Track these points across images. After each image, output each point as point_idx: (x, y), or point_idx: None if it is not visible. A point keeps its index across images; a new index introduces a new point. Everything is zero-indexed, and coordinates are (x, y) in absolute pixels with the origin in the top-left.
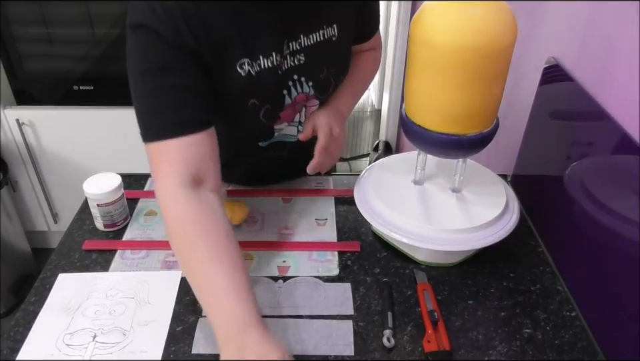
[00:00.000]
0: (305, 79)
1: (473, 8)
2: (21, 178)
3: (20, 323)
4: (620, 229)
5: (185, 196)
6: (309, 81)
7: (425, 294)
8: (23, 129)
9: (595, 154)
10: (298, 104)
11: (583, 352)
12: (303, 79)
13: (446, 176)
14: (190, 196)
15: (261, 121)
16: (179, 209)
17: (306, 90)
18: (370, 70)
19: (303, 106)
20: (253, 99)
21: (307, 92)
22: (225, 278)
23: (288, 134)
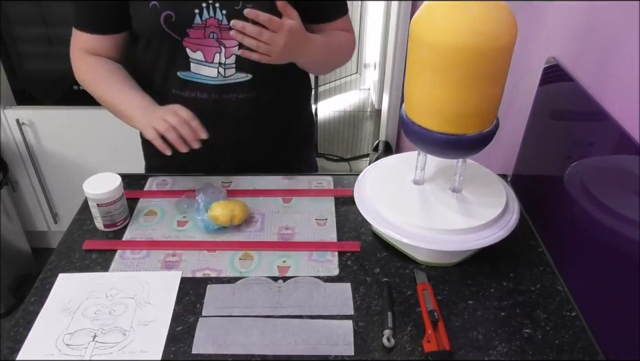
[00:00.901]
0: (220, 6)
1: (473, 8)
2: (21, 178)
3: (20, 323)
4: (620, 229)
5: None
6: (223, 9)
7: (424, 294)
8: (23, 129)
9: (595, 154)
10: (208, 28)
11: (583, 352)
12: (217, 5)
13: (446, 176)
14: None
15: (165, 31)
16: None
17: (219, 17)
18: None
19: (219, 39)
20: (154, 1)
21: (219, 19)
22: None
23: (206, 75)
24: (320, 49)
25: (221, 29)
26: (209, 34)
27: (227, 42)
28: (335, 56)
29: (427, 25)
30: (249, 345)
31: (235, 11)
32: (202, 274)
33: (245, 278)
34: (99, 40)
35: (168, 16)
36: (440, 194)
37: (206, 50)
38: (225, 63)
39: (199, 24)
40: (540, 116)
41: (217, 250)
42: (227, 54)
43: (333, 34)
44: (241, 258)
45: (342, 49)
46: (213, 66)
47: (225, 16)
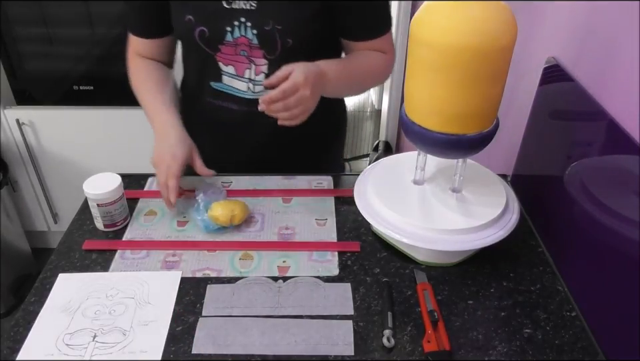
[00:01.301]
0: (251, 26)
1: (473, 9)
2: (21, 178)
3: (20, 323)
4: (620, 229)
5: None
6: (254, 29)
7: (424, 294)
8: (23, 129)
9: (595, 154)
10: (239, 46)
11: (583, 352)
12: (249, 24)
13: (446, 176)
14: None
15: (198, 44)
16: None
17: (249, 37)
18: (372, 64)
19: (249, 57)
20: (189, 15)
21: (250, 38)
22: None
23: (237, 88)
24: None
25: (251, 48)
26: (239, 51)
27: (256, 60)
28: (364, 81)
29: (427, 25)
30: (249, 345)
31: (265, 32)
32: (202, 274)
33: (245, 278)
34: (146, 43)
35: (202, 31)
36: (440, 194)
37: (237, 66)
38: (254, 80)
39: (230, 42)
40: (540, 116)
41: (217, 250)
42: (256, 72)
43: (364, 57)
44: (241, 258)
45: (372, 74)
46: (243, 80)
47: (256, 36)
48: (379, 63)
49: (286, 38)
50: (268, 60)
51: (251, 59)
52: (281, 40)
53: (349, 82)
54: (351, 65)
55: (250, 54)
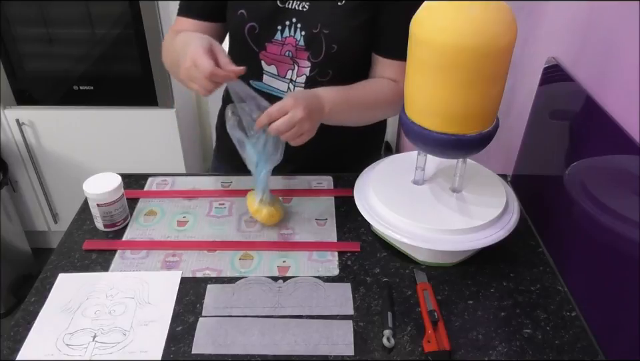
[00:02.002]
0: (301, 27)
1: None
2: (21, 178)
3: (20, 323)
4: (620, 229)
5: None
6: (303, 30)
7: (425, 294)
8: (23, 129)
9: (594, 154)
10: (286, 46)
11: (583, 352)
12: (299, 25)
13: (446, 176)
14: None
15: (246, 39)
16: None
17: (297, 38)
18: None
19: (293, 58)
20: (242, 10)
21: (297, 39)
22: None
23: (277, 88)
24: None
25: (297, 49)
26: (285, 52)
27: (300, 62)
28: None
29: (427, 25)
30: (249, 345)
31: (313, 34)
32: (202, 274)
33: (245, 278)
34: (197, 26)
35: (252, 27)
36: (440, 194)
37: (280, 66)
38: (295, 81)
39: (277, 41)
40: (540, 116)
41: (217, 250)
42: (298, 73)
43: (370, 85)
44: (241, 258)
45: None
46: (284, 81)
47: (303, 38)
48: (387, 92)
49: (331, 44)
50: (311, 63)
51: (295, 60)
52: (326, 44)
53: (352, 109)
54: (353, 92)
55: (295, 55)
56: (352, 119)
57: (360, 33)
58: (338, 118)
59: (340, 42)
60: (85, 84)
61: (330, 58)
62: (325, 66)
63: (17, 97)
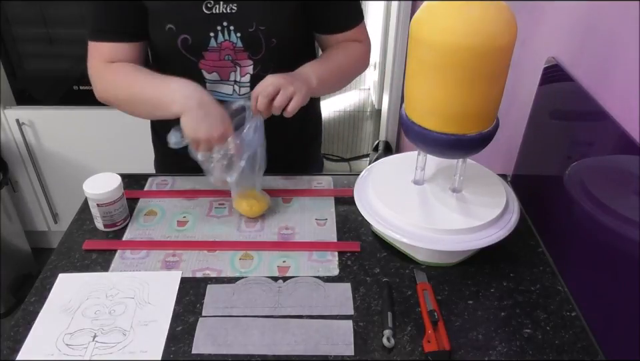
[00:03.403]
0: (234, 29)
1: (473, 8)
2: (21, 178)
3: (20, 323)
4: (620, 229)
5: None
6: (238, 32)
7: (424, 294)
8: (23, 129)
9: (594, 154)
10: (224, 51)
11: (583, 352)
12: (232, 28)
13: (446, 176)
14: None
15: (182, 53)
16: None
17: (233, 40)
18: (352, 56)
19: (234, 60)
20: (170, 24)
21: (234, 42)
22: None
23: (221, 92)
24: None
25: (235, 51)
26: (224, 56)
27: (241, 63)
28: (347, 75)
29: (426, 25)
30: (249, 345)
31: (250, 33)
32: (202, 274)
33: (245, 278)
34: (120, 48)
35: (184, 39)
36: (440, 194)
37: (221, 71)
38: (239, 81)
39: (214, 47)
40: (540, 116)
41: (217, 250)
42: (242, 73)
43: (344, 51)
44: (241, 258)
45: (354, 66)
46: (228, 83)
47: (240, 39)
48: (358, 54)
49: (270, 38)
50: (253, 60)
51: (236, 62)
52: (265, 40)
53: (334, 79)
54: (334, 63)
55: (235, 58)
56: (335, 87)
57: (294, 21)
58: (324, 90)
59: (278, 35)
60: (85, 84)
61: (270, 52)
62: (266, 61)
63: (17, 97)
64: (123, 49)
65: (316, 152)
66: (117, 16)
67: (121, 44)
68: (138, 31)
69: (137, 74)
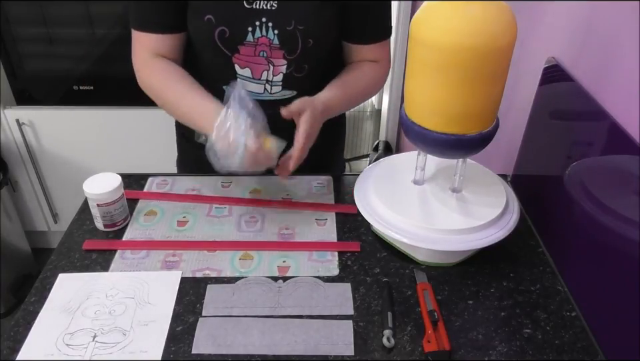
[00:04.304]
0: (272, 26)
1: (473, 9)
2: (21, 178)
3: (20, 323)
4: (620, 229)
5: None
6: (276, 29)
7: (424, 294)
8: (23, 129)
9: (594, 154)
10: (259, 47)
11: (583, 352)
12: (270, 24)
13: (446, 176)
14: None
15: (217, 45)
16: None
17: (270, 37)
18: (368, 80)
19: (268, 58)
20: (209, 15)
21: (270, 38)
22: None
23: (252, 91)
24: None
25: (271, 48)
26: (259, 52)
27: (275, 62)
28: (362, 99)
29: (426, 25)
30: (249, 345)
31: (287, 32)
32: (202, 274)
33: (245, 278)
34: (162, 40)
35: (222, 31)
36: (440, 194)
37: (254, 68)
38: (272, 81)
39: (250, 42)
40: (540, 116)
41: (217, 250)
42: (274, 72)
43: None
44: (241, 258)
45: (368, 91)
46: (260, 82)
47: (277, 36)
48: (374, 78)
49: (307, 39)
50: (287, 60)
51: (270, 60)
52: (302, 40)
53: (349, 105)
54: (351, 89)
55: (270, 55)
56: (345, 110)
57: (333, 24)
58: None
59: (315, 37)
60: (85, 84)
61: (306, 53)
62: (301, 61)
63: (17, 97)
64: (163, 40)
65: (339, 156)
66: (158, 8)
67: (162, 36)
68: (178, 23)
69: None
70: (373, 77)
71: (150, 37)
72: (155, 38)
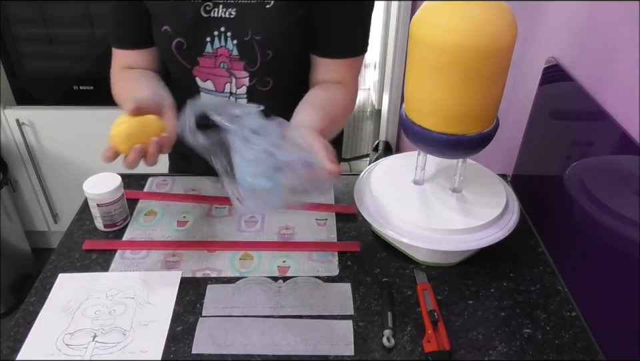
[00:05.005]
0: (231, 35)
1: (473, 9)
2: (21, 178)
3: (20, 323)
4: (620, 229)
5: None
6: (234, 39)
7: (424, 294)
8: (23, 129)
9: (594, 154)
10: (219, 58)
11: (583, 352)
12: (229, 34)
13: (446, 176)
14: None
15: (176, 58)
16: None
17: (229, 47)
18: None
19: (229, 70)
20: (165, 25)
21: (230, 49)
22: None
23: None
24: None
25: (231, 60)
26: (219, 63)
27: (237, 73)
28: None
29: (426, 26)
30: (249, 345)
31: (245, 42)
32: (202, 274)
33: (245, 278)
34: (133, 55)
35: (179, 43)
36: (440, 194)
37: (216, 80)
38: (235, 94)
39: (209, 53)
40: (540, 116)
41: (217, 250)
42: (237, 85)
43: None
44: (241, 258)
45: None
46: (224, 95)
47: (236, 47)
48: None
49: (265, 50)
50: (249, 72)
51: (232, 72)
52: (260, 52)
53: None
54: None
55: (230, 67)
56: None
57: (295, 35)
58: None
59: (275, 48)
60: (85, 84)
61: (267, 65)
62: (263, 74)
63: (17, 97)
64: (135, 55)
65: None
66: (126, 24)
67: (133, 51)
68: (148, 37)
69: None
70: (343, 101)
71: (121, 53)
72: (126, 54)
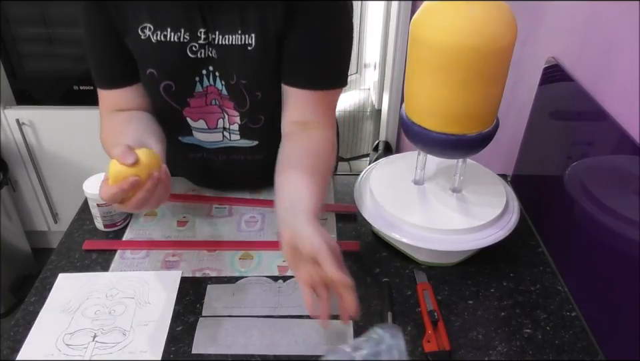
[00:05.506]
0: (220, 75)
1: (473, 9)
2: (21, 178)
3: (20, 323)
4: (620, 229)
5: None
6: (222, 80)
7: (424, 294)
8: (23, 129)
9: (594, 154)
10: (210, 95)
11: (583, 352)
12: (217, 74)
13: (446, 176)
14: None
15: (164, 99)
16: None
17: (218, 87)
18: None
19: (221, 106)
20: (151, 69)
21: (219, 88)
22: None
23: (211, 142)
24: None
25: (222, 97)
26: (210, 101)
27: (229, 111)
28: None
29: (426, 26)
30: (249, 345)
31: (232, 85)
32: (202, 274)
33: (245, 278)
34: (120, 93)
35: (167, 86)
36: (440, 194)
37: (208, 118)
38: (229, 129)
39: (199, 92)
40: (540, 116)
41: (217, 250)
42: (230, 122)
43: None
44: (240, 258)
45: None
46: (217, 131)
47: (224, 87)
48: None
49: (254, 92)
50: (239, 112)
51: (223, 109)
52: (248, 95)
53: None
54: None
55: (221, 104)
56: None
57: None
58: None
59: (263, 90)
60: (85, 84)
61: (256, 105)
62: (254, 113)
63: (17, 97)
64: (123, 93)
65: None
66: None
67: (121, 90)
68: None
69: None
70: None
71: (109, 93)
72: (113, 93)
